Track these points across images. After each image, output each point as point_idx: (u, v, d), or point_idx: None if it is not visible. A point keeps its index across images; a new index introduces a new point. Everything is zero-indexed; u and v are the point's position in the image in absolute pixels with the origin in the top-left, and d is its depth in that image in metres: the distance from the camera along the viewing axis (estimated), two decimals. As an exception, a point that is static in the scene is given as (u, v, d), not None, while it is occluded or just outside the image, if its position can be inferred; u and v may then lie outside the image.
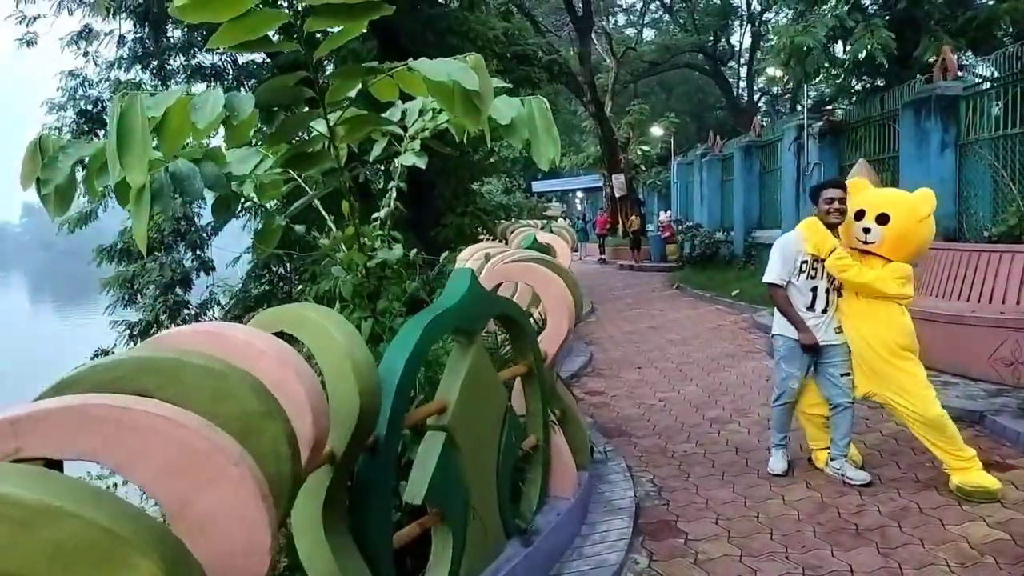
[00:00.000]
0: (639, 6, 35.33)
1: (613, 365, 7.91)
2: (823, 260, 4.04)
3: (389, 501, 2.45)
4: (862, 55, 9.10)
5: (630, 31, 35.06)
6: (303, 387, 1.73)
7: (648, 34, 36.41)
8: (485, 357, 2.99)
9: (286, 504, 1.64)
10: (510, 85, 3.24)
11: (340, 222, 3.44)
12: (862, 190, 4.27)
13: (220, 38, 2.35)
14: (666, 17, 35.85)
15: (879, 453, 4.68)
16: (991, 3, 9.36)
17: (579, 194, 45.08)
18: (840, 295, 4.17)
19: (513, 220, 15.51)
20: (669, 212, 21.19)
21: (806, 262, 4.11)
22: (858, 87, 12.62)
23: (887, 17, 9.33)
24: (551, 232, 9.25)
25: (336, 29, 2.73)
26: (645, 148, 24.51)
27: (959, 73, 7.99)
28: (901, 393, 3.94)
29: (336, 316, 2.26)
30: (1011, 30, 9.91)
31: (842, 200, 4.04)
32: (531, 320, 5.07)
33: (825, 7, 9.57)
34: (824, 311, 4.14)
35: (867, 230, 4.03)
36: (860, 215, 4.10)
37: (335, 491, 2.19)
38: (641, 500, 4.09)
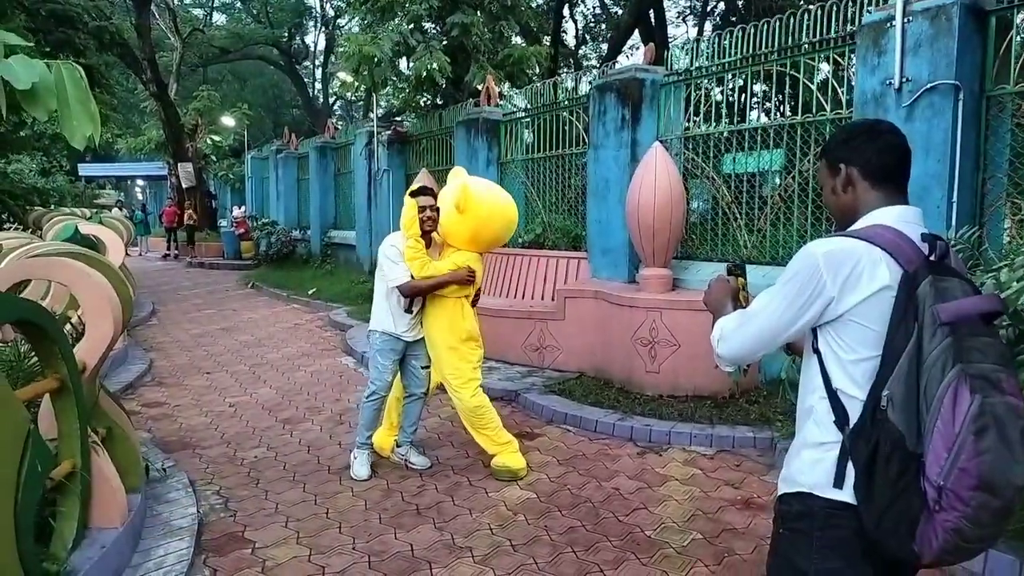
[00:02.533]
0: (208, -14, 33.18)
1: (177, 372, 7.26)
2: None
3: None
4: (423, 74, 9.90)
5: (198, 11, 32.63)
6: None
7: (219, 19, 34.40)
8: (-4, 373, 2.45)
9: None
10: (30, 43, 2.69)
11: None
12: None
13: None
14: (238, 4, 34.34)
15: (437, 436, 5.16)
16: (523, 44, 11.09)
17: (140, 182, 40.43)
18: None
19: (52, 208, 13.17)
20: (244, 207, 20.32)
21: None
22: (422, 101, 13.76)
23: (444, 42, 10.32)
24: (100, 224, 8.10)
25: None
26: (216, 138, 23.02)
27: (499, 101, 9.26)
28: (448, 383, 4.41)
29: None
30: (539, 70, 11.88)
31: (432, 207, 4.26)
32: (68, 325, 4.37)
33: (391, 23, 10.20)
34: (410, 310, 4.34)
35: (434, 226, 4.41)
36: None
37: None
38: (205, 515, 3.81)
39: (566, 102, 7.90)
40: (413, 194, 4.30)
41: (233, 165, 25.19)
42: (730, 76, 6.08)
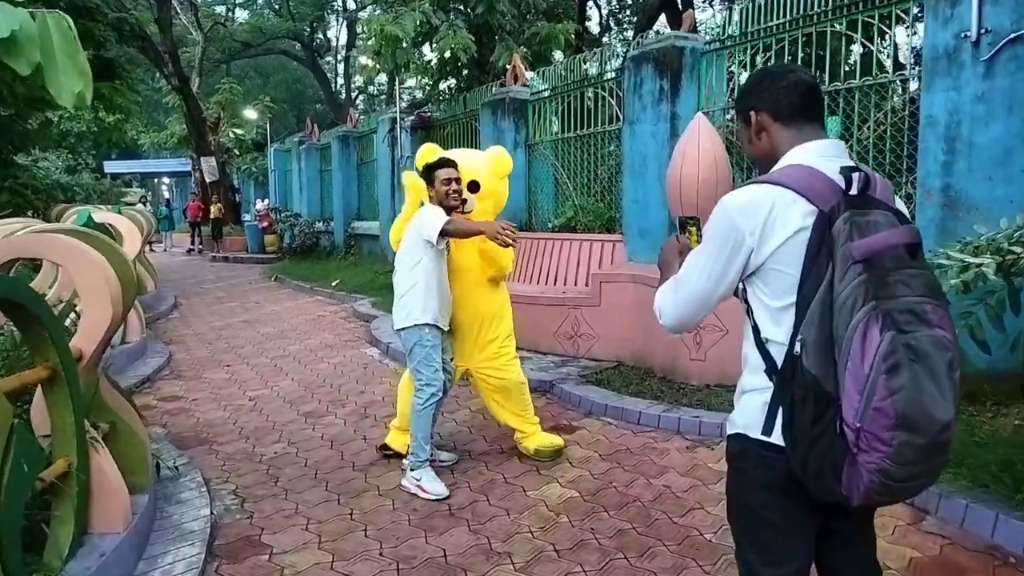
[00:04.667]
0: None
1: (197, 365, 6.99)
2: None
3: None
4: (447, 54, 9.55)
5: (220, 8, 32.55)
6: None
7: (241, 15, 34.29)
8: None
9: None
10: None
11: None
12: (433, 156, 4.12)
13: None
14: (260, -1, 34.24)
15: (468, 429, 4.81)
16: (549, 22, 10.67)
17: (165, 179, 40.67)
18: None
19: (78, 204, 13.06)
20: (267, 200, 20.14)
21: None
22: (444, 88, 13.42)
23: (467, 21, 9.95)
24: (119, 214, 7.88)
25: None
26: (238, 131, 22.89)
27: (526, 80, 8.86)
28: (491, 362, 4.11)
29: None
30: (566, 49, 11.46)
31: (459, 180, 3.80)
32: (74, 314, 4.09)
33: (414, 3, 9.83)
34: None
35: (464, 200, 3.99)
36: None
37: None
38: (219, 517, 3.50)
39: (598, 77, 7.48)
40: (432, 168, 3.81)
41: (256, 159, 25.06)
42: (776, 41, 5.62)
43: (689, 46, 6.13)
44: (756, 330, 1.57)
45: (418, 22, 9.35)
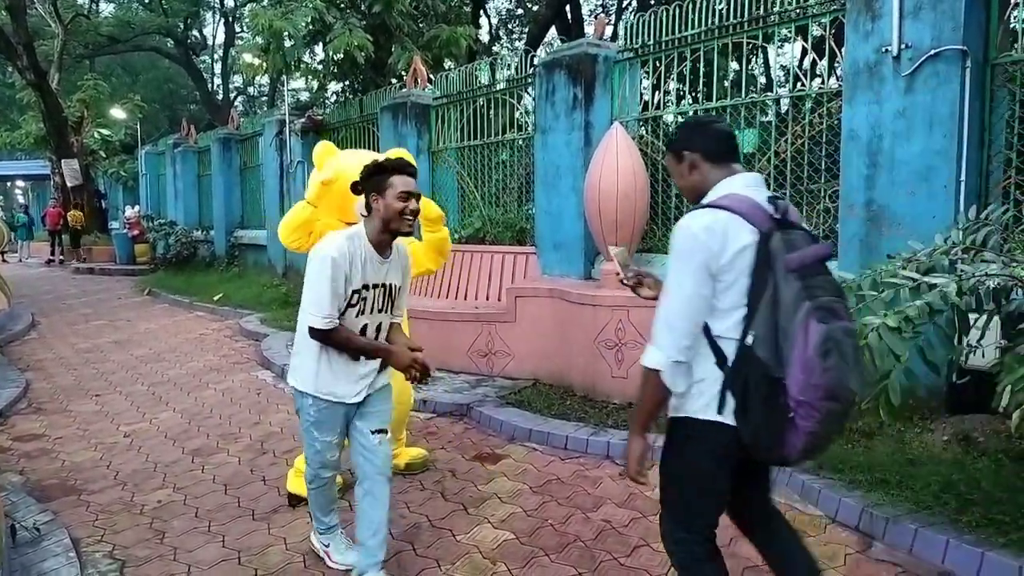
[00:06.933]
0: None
1: (60, 395, 6.15)
2: (374, 287, 2.77)
3: None
4: (340, 54, 9.03)
5: (82, 0, 30.01)
6: None
7: (106, 8, 31.77)
8: None
9: None
10: None
11: None
12: (332, 156, 3.71)
13: None
14: (128, -10, 31.86)
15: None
16: (448, 25, 10.33)
17: (20, 183, 37.18)
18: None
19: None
20: (138, 207, 18.60)
21: (357, 291, 2.71)
22: (333, 91, 12.78)
23: (364, 21, 9.46)
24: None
25: None
26: (104, 132, 21.01)
27: (428, 84, 8.47)
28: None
29: None
30: (466, 54, 11.15)
31: (420, 198, 2.81)
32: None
33: (305, -1, 9.23)
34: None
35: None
36: (356, 189, 3.58)
37: None
38: (93, 590, 2.93)
39: (510, 82, 7.22)
40: (382, 170, 2.67)
41: (125, 162, 23.17)
42: (691, 52, 5.55)
43: (603, 54, 5.98)
44: (707, 329, 1.86)
45: (309, 19, 8.77)
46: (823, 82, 4.99)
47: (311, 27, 9.07)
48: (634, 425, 2.00)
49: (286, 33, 8.61)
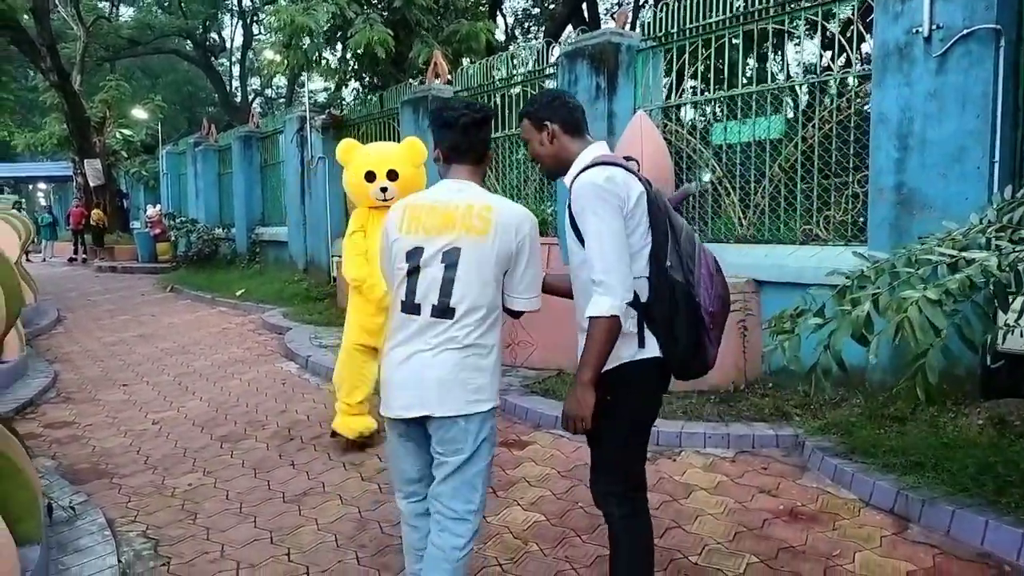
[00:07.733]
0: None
1: (88, 385, 6.22)
2: None
3: None
4: (361, 49, 9.07)
5: (104, 4, 30.31)
6: None
7: (126, 11, 32.06)
8: None
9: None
10: None
11: None
12: (352, 151, 4.23)
13: None
14: (148, -6, 32.19)
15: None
16: (468, 20, 10.35)
17: (42, 185, 37.67)
18: None
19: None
20: (159, 206, 18.77)
21: None
22: (351, 89, 12.82)
23: (385, 16, 9.50)
24: (-10, 216, 6.97)
25: None
26: (126, 132, 21.24)
27: (449, 78, 8.49)
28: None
29: None
30: (485, 49, 11.16)
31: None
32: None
33: (326, -5, 9.27)
34: None
35: (384, 189, 4.07)
36: (371, 176, 4.09)
37: None
38: (129, 565, 2.96)
39: (532, 73, 7.22)
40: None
41: (146, 162, 23.39)
42: (715, 39, 5.52)
43: (625, 43, 5.97)
44: None
45: (331, 14, 8.81)
46: (848, 66, 4.94)
47: (332, 22, 9.10)
48: (585, 379, 1.90)
49: (308, 28, 8.65)
